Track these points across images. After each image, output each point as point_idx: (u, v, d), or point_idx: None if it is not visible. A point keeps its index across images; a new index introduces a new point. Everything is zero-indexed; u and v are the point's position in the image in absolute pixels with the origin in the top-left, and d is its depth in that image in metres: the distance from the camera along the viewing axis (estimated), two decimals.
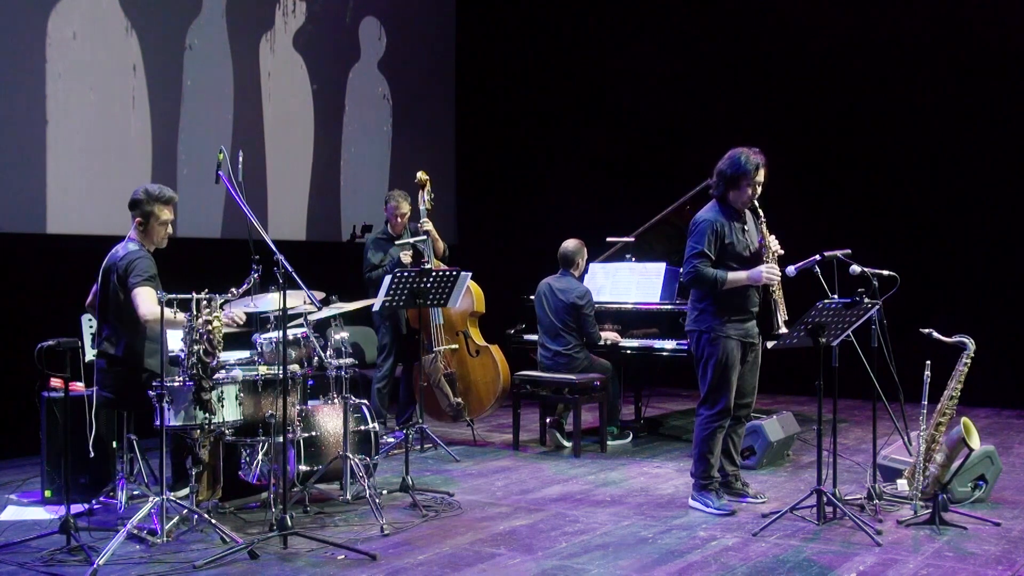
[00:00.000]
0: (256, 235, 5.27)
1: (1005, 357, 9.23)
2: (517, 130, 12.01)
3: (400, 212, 7.90)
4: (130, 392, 5.43)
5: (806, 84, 10.58)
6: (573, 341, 7.60)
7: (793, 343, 5.44)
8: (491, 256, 11.06)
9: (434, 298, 6.48)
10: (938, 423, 5.77)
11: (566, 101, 11.80)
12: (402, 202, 7.92)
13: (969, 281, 9.76)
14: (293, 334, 5.87)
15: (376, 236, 8.03)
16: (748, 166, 5.66)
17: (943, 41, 9.95)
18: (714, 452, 5.81)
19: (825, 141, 10.44)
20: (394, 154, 11.04)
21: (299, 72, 10.06)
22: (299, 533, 5.14)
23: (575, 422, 7.48)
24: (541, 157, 11.87)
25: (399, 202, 7.91)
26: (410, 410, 7.97)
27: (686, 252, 5.74)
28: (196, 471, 5.32)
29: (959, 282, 9.80)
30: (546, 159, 11.84)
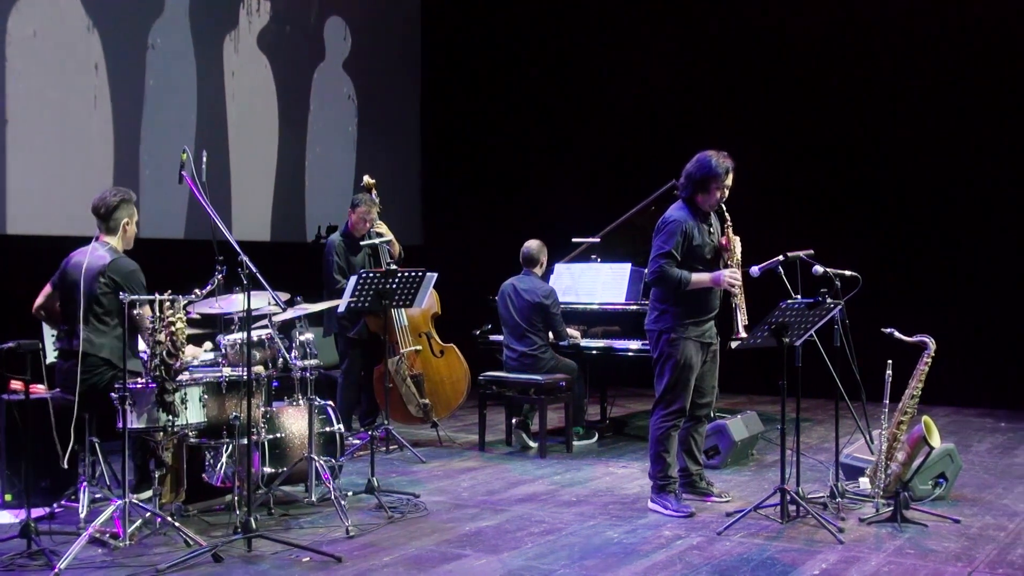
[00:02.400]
0: (220, 236, 5.24)
1: (965, 356, 9.34)
2: (482, 131, 12.02)
3: (371, 217, 7.87)
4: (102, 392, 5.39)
5: (767, 84, 10.65)
6: (539, 341, 7.61)
7: (757, 343, 5.48)
8: (456, 257, 11.05)
9: (400, 299, 6.46)
10: (899, 422, 5.83)
11: (532, 102, 11.81)
12: (372, 207, 7.88)
13: (930, 281, 9.86)
14: (258, 335, 5.83)
15: (340, 240, 7.89)
16: (718, 169, 5.69)
17: (904, 41, 10.04)
18: (670, 451, 5.83)
19: (787, 141, 10.51)
20: (359, 154, 11.01)
21: (263, 72, 10.01)
22: (264, 535, 5.11)
23: (540, 423, 7.49)
24: (506, 158, 11.88)
25: (370, 207, 7.86)
26: (375, 413, 7.94)
27: (653, 251, 5.75)
28: (159, 474, 5.29)
29: (920, 282, 9.90)
30: (511, 160, 11.84)
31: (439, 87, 11.99)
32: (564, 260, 8.52)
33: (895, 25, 10.06)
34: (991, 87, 9.67)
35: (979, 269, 9.70)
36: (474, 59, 12.02)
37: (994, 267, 9.66)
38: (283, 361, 5.94)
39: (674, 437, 5.85)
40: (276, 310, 5.74)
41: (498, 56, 11.95)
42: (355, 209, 7.84)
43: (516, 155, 11.84)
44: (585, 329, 8.01)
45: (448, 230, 11.87)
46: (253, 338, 5.57)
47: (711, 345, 5.88)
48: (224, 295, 5.55)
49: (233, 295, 5.59)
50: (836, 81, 10.32)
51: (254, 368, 5.52)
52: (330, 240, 7.93)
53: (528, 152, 11.79)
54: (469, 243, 11.62)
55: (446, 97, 12.01)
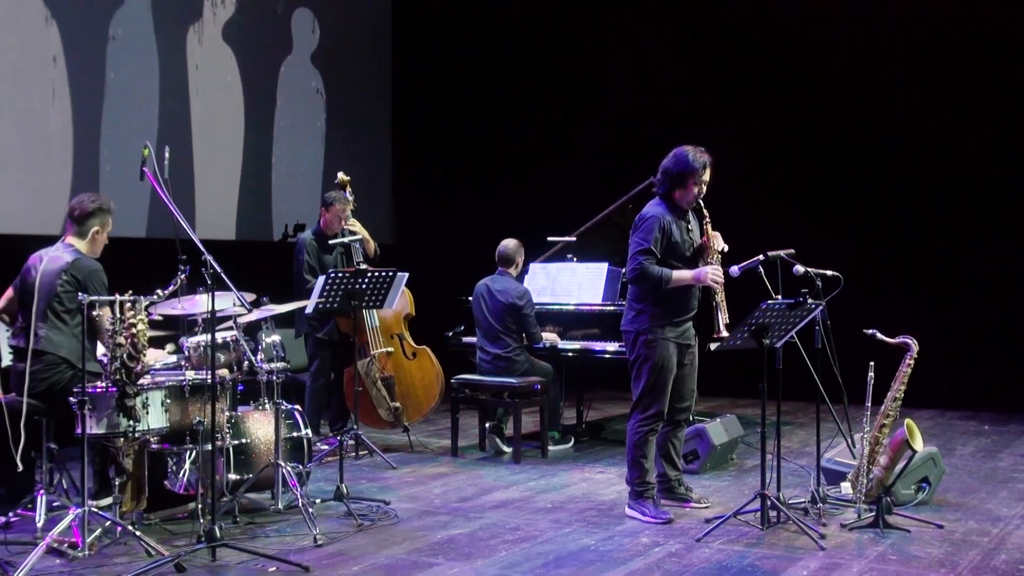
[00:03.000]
0: (183, 234, 5.22)
1: (948, 358, 9.41)
2: (456, 126, 12.01)
3: (345, 215, 7.84)
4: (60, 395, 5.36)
5: (745, 79, 10.70)
6: (513, 344, 7.61)
7: (736, 345, 5.50)
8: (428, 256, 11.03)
9: (370, 299, 6.45)
10: (882, 425, 5.87)
11: (507, 97, 11.82)
12: (347, 206, 7.85)
13: (913, 281, 9.94)
14: (222, 337, 5.81)
15: (312, 239, 7.87)
16: (696, 164, 5.70)
17: (889, 39, 10.11)
18: (648, 457, 5.84)
19: (767, 138, 10.57)
20: (328, 150, 10.98)
21: (228, 65, 9.96)
22: (228, 545, 5.08)
23: (515, 427, 7.49)
24: (480, 154, 11.88)
25: (345, 206, 7.84)
26: (344, 417, 7.92)
27: (631, 248, 5.74)
28: (120, 481, 5.25)
29: (902, 283, 9.98)
30: (485, 156, 11.85)
31: (411, 81, 11.98)
32: (539, 259, 8.53)
33: (880, 23, 10.13)
34: (976, 85, 9.76)
35: (963, 269, 9.78)
36: (447, 51, 12.01)
37: (978, 267, 9.75)
38: (248, 364, 5.92)
39: (652, 442, 5.86)
40: (241, 311, 5.72)
41: (472, 49, 11.94)
42: (329, 207, 7.81)
43: (491, 151, 11.84)
44: (561, 331, 8.02)
45: (420, 229, 11.85)
46: (218, 340, 5.55)
47: (689, 346, 5.90)
48: (187, 296, 5.52)
49: (197, 296, 5.56)
50: (817, 78, 10.38)
51: (218, 371, 5.50)
52: (301, 238, 7.91)
53: (503, 149, 11.79)
54: (442, 242, 11.61)
55: (418, 91, 11.99)
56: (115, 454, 5.24)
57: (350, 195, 7.87)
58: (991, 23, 9.70)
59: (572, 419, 8.65)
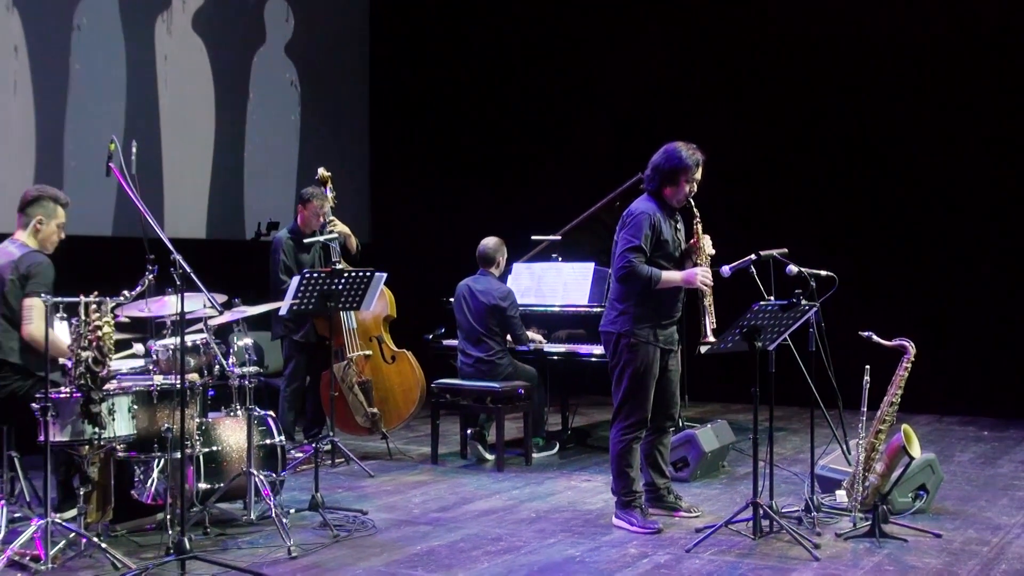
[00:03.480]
0: (151, 233, 5.21)
1: (946, 361, 9.45)
2: (436, 121, 12.00)
3: (323, 211, 7.81)
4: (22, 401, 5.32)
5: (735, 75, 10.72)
6: (496, 347, 7.61)
7: (728, 348, 5.51)
8: (407, 256, 11.02)
9: (346, 301, 6.44)
10: (878, 431, 5.89)
11: (489, 91, 11.82)
12: (325, 202, 7.82)
13: (910, 282, 9.97)
14: (192, 340, 5.79)
15: (288, 237, 7.85)
16: (688, 161, 5.70)
17: (884, 38, 10.14)
18: (633, 466, 5.84)
19: (759, 135, 10.59)
20: (303, 145, 10.96)
21: (198, 56, 9.93)
22: (198, 557, 5.07)
23: (498, 433, 7.49)
24: (462, 150, 11.87)
25: (323, 202, 7.81)
26: (320, 423, 7.90)
27: (619, 245, 5.72)
28: (84, 491, 5.23)
29: (899, 284, 10.01)
30: (467, 152, 11.84)
31: (389, 72, 11.96)
32: (523, 259, 8.53)
33: (878, 20, 10.14)
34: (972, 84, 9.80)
35: (961, 269, 9.82)
36: (427, 43, 12.01)
37: (977, 267, 9.79)
38: (219, 368, 5.91)
39: (636, 450, 5.86)
40: (212, 313, 5.70)
41: (453, 40, 11.94)
42: (306, 204, 7.80)
43: (472, 146, 11.84)
44: (546, 333, 8.03)
45: (399, 227, 11.84)
46: (187, 343, 5.54)
47: (673, 351, 5.90)
48: (156, 297, 5.51)
49: (165, 297, 5.55)
50: (810, 72, 10.40)
51: (188, 376, 5.48)
52: (277, 237, 7.89)
53: (485, 144, 11.79)
54: (422, 241, 11.60)
55: (397, 84, 11.98)
56: (80, 463, 5.22)
57: (331, 191, 7.85)
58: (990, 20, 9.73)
59: (557, 425, 8.65)
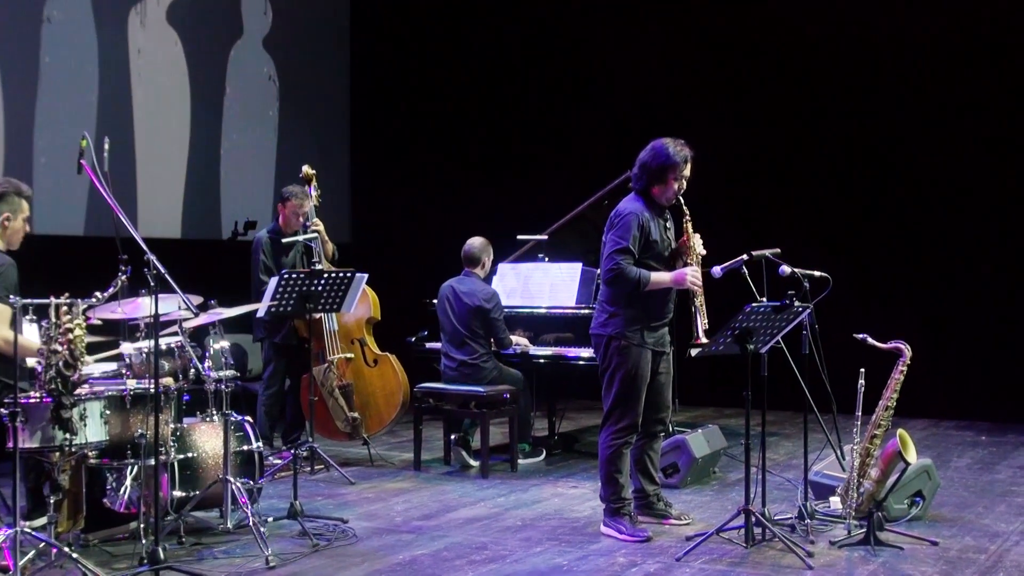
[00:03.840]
0: (124, 232, 5.20)
1: (943, 364, 9.47)
2: (419, 117, 11.98)
3: (303, 211, 7.81)
4: None
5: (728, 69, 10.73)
6: (480, 350, 7.61)
7: (719, 351, 5.52)
8: (389, 256, 11.02)
9: (326, 302, 6.43)
10: (873, 436, 5.90)
11: (473, 87, 11.80)
12: (305, 200, 7.81)
13: (906, 283, 9.99)
14: (167, 343, 5.77)
15: (269, 237, 7.83)
16: (676, 158, 5.70)
17: (880, 32, 10.15)
18: (622, 472, 5.85)
19: (752, 132, 10.61)
20: (281, 142, 10.94)
21: (173, 49, 9.90)
22: (173, 567, 5.06)
23: (483, 439, 7.49)
24: (445, 147, 11.85)
25: (303, 201, 7.79)
26: (299, 428, 7.89)
27: (607, 247, 5.74)
28: (55, 499, 5.20)
29: (895, 284, 10.03)
30: (451, 149, 11.82)
31: (371, 67, 11.94)
32: (509, 259, 8.53)
33: (876, 18, 10.15)
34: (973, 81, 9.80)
35: (959, 269, 9.84)
36: (410, 36, 11.99)
37: (975, 267, 9.80)
38: (195, 372, 5.89)
39: (626, 455, 5.87)
40: (187, 315, 5.69)
41: (437, 34, 11.92)
42: (285, 203, 7.79)
43: (456, 144, 11.82)
44: (532, 336, 8.03)
45: (381, 226, 11.82)
46: (162, 347, 5.52)
47: (665, 354, 5.91)
48: (129, 299, 5.49)
49: (139, 299, 5.53)
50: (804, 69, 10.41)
51: (162, 380, 5.46)
52: (257, 237, 7.89)
53: (469, 141, 11.78)
54: (404, 241, 11.58)
55: (379, 78, 11.96)
56: (50, 470, 5.20)
57: (315, 190, 7.84)
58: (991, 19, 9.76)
59: (544, 430, 8.65)
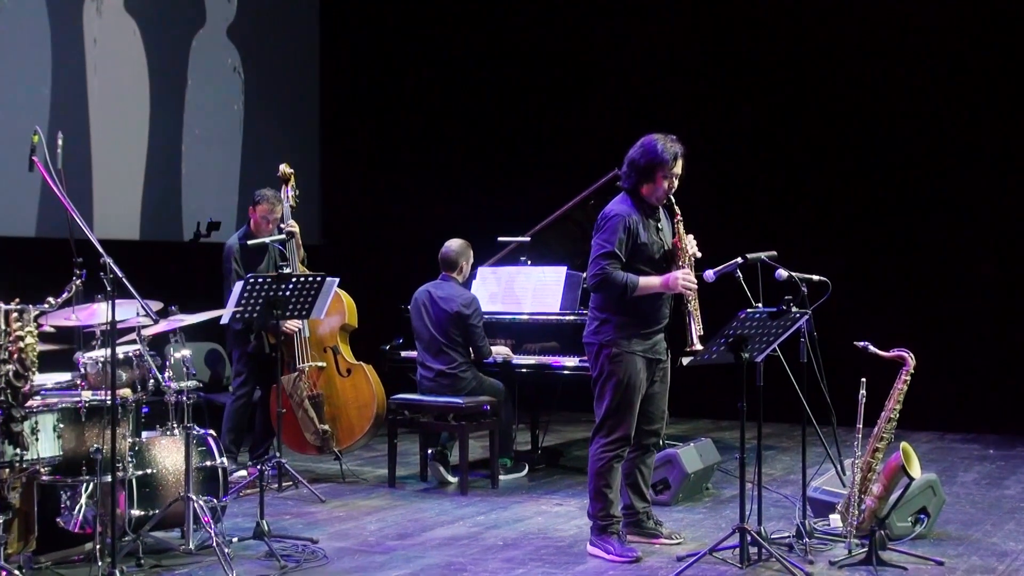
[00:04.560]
0: (79, 234, 5.18)
1: (948, 374, 9.51)
2: (394, 110, 11.97)
3: (274, 216, 7.81)
4: None
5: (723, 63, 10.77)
6: (458, 358, 7.61)
7: (712, 359, 5.53)
8: (362, 259, 11.00)
9: (295, 308, 6.42)
10: (875, 449, 5.93)
11: (451, 78, 11.80)
12: (277, 205, 7.81)
13: (909, 288, 10.03)
14: (124, 352, 5.75)
15: (240, 243, 7.82)
16: (666, 155, 5.72)
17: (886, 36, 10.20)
18: (612, 487, 5.86)
19: (747, 129, 10.64)
20: (247, 137, 10.92)
21: (132, 39, 9.87)
22: None
23: (461, 453, 7.49)
24: (421, 143, 11.85)
25: (274, 205, 7.79)
26: (267, 442, 7.88)
27: (593, 251, 5.76)
28: (4, 519, 5.18)
29: (898, 289, 10.07)
30: (427, 145, 11.83)
31: (342, 59, 11.92)
32: (489, 263, 8.53)
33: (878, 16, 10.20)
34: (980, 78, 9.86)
35: (965, 274, 9.88)
36: (384, 25, 11.98)
37: (982, 272, 9.84)
38: (154, 383, 5.88)
39: (617, 469, 5.88)
40: (147, 322, 5.67)
41: (412, 22, 11.91)
42: (255, 207, 7.80)
43: (434, 139, 11.82)
44: (514, 344, 8.03)
45: (353, 227, 11.80)
46: (119, 356, 5.50)
47: (660, 361, 5.92)
48: (84, 304, 5.47)
49: (95, 305, 5.52)
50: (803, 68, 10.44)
51: (120, 391, 5.45)
52: (228, 245, 7.89)
53: (447, 137, 11.78)
54: (378, 243, 11.57)
55: (351, 69, 11.94)
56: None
57: (292, 190, 7.83)
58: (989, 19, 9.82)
59: (526, 444, 8.66)
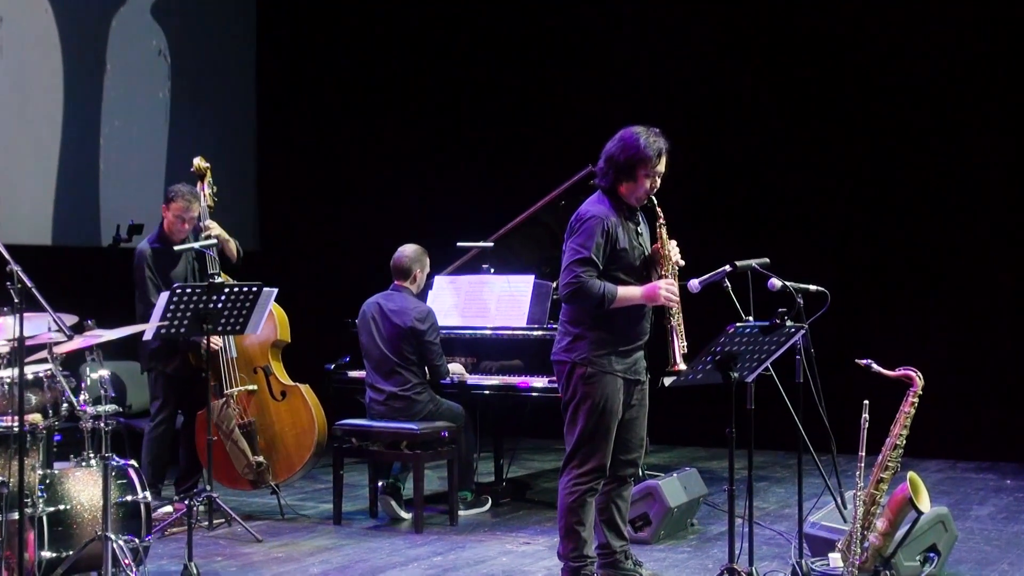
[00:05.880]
0: None
1: (961, 395, 9.57)
2: (339, 101, 11.96)
3: (190, 215, 7.73)
4: None
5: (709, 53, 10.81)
6: (412, 379, 7.60)
7: (697, 379, 5.54)
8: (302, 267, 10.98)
9: (227, 323, 6.39)
10: (879, 480, 5.95)
11: (403, 66, 11.80)
12: (193, 202, 7.73)
13: (917, 299, 10.07)
14: (33, 372, 5.72)
15: (152, 247, 7.75)
16: (649, 151, 5.71)
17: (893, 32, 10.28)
18: (585, 524, 5.85)
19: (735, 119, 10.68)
20: (173, 129, 10.88)
21: (43, 17, 9.82)
22: None
23: (416, 486, 7.48)
24: (371, 137, 11.84)
25: (190, 202, 7.71)
26: (195, 474, 7.84)
27: (566, 257, 5.73)
28: None
29: (904, 301, 10.11)
30: (378, 140, 11.81)
31: (282, 41, 11.90)
32: (446, 271, 8.53)
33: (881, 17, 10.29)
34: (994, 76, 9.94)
35: (979, 286, 9.92)
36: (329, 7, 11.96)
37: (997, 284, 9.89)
38: (68, 407, 5.84)
39: (591, 504, 5.87)
40: (60, 338, 5.64)
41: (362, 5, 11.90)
42: (169, 205, 7.71)
43: (384, 132, 11.81)
44: (475, 362, 8.03)
45: (292, 231, 11.78)
46: (27, 376, 5.46)
47: (639, 382, 5.92)
48: None
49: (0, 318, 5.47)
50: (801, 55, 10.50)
51: (28, 417, 5.42)
52: (139, 251, 7.77)
53: (400, 131, 11.77)
54: (321, 248, 11.54)
55: (292, 53, 11.92)
56: None
57: (208, 188, 7.78)
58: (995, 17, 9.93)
59: (489, 475, 8.65)
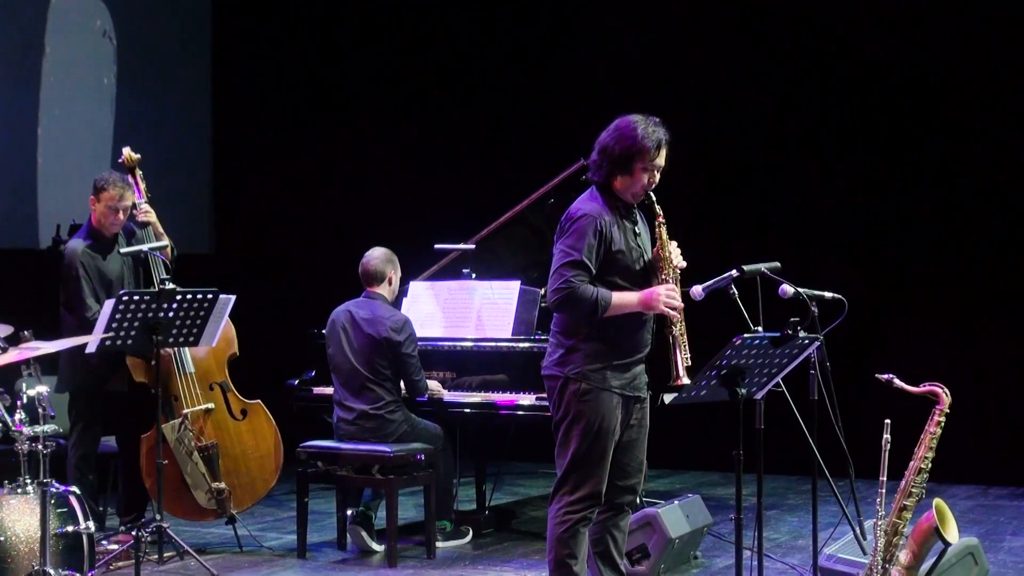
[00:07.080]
0: None
1: (992, 414, 9.60)
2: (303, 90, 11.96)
3: (124, 205, 7.66)
4: None
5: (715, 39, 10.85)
6: (386, 396, 7.59)
7: (701, 396, 5.55)
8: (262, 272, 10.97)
9: (180, 333, 6.38)
10: (902, 507, 5.96)
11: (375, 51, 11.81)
12: (127, 190, 7.68)
13: (943, 309, 10.11)
14: None
15: (85, 246, 7.69)
16: (647, 142, 5.70)
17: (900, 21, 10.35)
18: (577, 557, 5.84)
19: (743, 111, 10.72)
20: (119, 119, 10.86)
21: None
22: None
23: (389, 515, 7.48)
24: (337, 130, 11.84)
25: (123, 190, 7.67)
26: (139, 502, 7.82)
27: (555, 260, 5.72)
28: None
29: (929, 310, 10.14)
30: (346, 133, 11.82)
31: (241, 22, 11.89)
32: (423, 276, 8.54)
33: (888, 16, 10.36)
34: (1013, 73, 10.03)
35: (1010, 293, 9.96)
36: None
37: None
38: (2, 427, 5.84)
39: (584, 535, 5.87)
40: None
41: None
42: (99, 195, 7.62)
43: (354, 125, 11.82)
44: (454, 377, 8.03)
45: (252, 233, 11.76)
46: None
47: (639, 399, 5.92)
48: None
49: None
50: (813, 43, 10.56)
51: None
52: (69, 250, 7.67)
53: (369, 123, 11.78)
54: (283, 252, 11.54)
55: (251, 37, 11.91)
56: None
57: (142, 181, 7.75)
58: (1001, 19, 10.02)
59: (470, 503, 8.66)
